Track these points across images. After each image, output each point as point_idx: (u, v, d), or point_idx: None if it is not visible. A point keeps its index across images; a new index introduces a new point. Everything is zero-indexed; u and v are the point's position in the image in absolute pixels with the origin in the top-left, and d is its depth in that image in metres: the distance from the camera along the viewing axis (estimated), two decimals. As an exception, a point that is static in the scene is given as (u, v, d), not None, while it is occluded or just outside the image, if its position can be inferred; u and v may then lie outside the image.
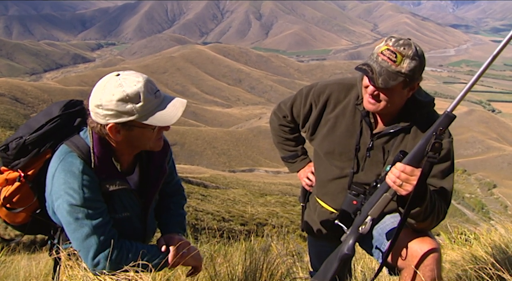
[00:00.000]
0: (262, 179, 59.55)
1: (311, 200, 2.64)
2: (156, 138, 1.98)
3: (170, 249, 2.07)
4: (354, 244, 2.17)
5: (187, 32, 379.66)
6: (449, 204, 2.15)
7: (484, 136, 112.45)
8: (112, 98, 1.83)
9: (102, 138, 1.98)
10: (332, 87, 2.41)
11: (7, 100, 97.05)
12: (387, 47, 2.05)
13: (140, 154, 2.17)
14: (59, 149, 2.00)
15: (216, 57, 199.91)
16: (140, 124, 1.89)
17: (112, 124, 1.89)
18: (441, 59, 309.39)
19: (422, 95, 2.24)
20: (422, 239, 2.09)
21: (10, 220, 2.14)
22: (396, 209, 2.18)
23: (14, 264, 3.75)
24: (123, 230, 2.04)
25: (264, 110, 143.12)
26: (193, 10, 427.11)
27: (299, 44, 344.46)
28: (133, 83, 1.85)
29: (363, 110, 2.27)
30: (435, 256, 2.03)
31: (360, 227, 2.14)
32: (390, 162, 2.11)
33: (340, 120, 2.36)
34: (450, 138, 2.17)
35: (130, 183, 2.08)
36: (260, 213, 23.12)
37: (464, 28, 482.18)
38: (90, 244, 1.90)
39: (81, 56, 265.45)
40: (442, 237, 4.37)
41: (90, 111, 1.92)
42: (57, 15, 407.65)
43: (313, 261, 2.82)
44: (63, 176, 1.90)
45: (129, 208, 2.09)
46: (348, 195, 2.26)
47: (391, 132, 2.24)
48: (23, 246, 5.79)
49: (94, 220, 1.90)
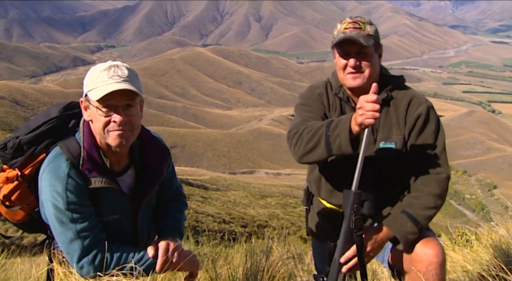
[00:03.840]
0: (263, 181, 59.61)
1: (315, 202, 2.61)
2: (108, 126, 1.93)
3: (159, 254, 2.02)
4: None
5: (186, 34, 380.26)
6: (446, 164, 2.22)
7: (484, 137, 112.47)
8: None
9: (90, 131, 2.01)
10: (309, 88, 2.50)
11: (7, 103, 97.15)
12: (347, 23, 2.26)
13: (134, 156, 2.16)
14: (52, 151, 2.01)
15: (216, 59, 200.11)
16: (89, 99, 1.93)
17: (83, 98, 1.98)
18: (440, 60, 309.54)
19: (390, 73, 2.42)
20: (426, 243, 2.10)
21: (10, 218, 2.18)
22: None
23: (15, 266, 3.75)
24: (113, 233, 2.03)
25: (264, 112, 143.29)
26: (193, 12, 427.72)
27: (298, 45, 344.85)
28: (104, 64, 1.96)
29: (343, 96, 2.36)
30: (439, 260, 2.02)
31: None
32: (381, 140, 2.26)
33: (332, 115, 2.41)
34: (427, 103, 2.29)
35: (121, 185, 2.07)
36: (260, 215, 23.14)
37: (463, 29, 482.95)
38: (74, 248, 1.91)
39: (81, 59, 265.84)
40: (443, 238, 4.37)
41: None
42: (57, 17, 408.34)
43: (317, 264, 2.80)
44: (49, 179, 1.91)
45: (118, 210, 2.07)
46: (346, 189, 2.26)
47: None
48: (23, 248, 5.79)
49: (79, 225, 1.90)
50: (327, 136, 2.08)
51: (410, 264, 2.08)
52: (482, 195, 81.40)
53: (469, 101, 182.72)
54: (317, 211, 2.56)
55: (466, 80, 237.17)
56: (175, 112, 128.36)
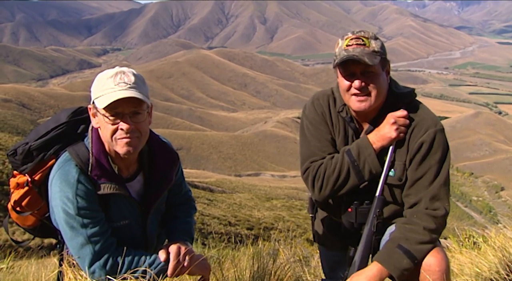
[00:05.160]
0: (268, 183, 59.56)
1: (320, 211, 2.57)
2: (116, 134, 1.92)
3: (170, 258, 2.01)
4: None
5: (192, 37, 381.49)
6: (446, 198, 2.09)
7: (491, 139, 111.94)
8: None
9: (99, 137, 2.00)
10: (312, 104, 2.35)
11: (14, 106, 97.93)
12: (349, 39, 2.09)
13: (143, 162, 2.14)
14: (61, 156, 2.01)
15: (221, 61, 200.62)
16: (96, 107, 1.91)
17: (91, 105, 1.96)
18: (446, 62, 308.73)
19: (400, 88, 2.22)
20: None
21: (21, 223, 2.20)
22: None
23: (22, 269, 3.76)
24: (122, 239, 2.03)
25: (269, 114, 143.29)
26: (198, 15, 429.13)
27: (304, 48, 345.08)
28: (111, 70, 1.95)
29: (346, 115, 2.23)
30: (442, 269, 1.97)
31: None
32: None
33: (336, 134, 2.31)
34: (436, 128, 2.11)
35: (130, 191, 2.06)
36: (266, 217, 23.12)
37: (469, 30, 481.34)
38: (85, 253, 1.91)
39: (87, 62, 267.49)
40: (450, 240, 4.34)
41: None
42: (63, 21, 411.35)
43: (325, 270, 2.81)
44: (58, 184, 1.91)
45: (127, 215, 2.07)
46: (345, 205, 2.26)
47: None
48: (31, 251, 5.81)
49: (90, 230, 1.91)
50: (355, 166, 2.11)
51: (413, 274, 2.00)
52: (489, 197, 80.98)
53: (476, 102, 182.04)
54: (321, 220, 2.55)
55: (472, 81, 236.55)
56: (180, 114, 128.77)
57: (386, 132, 2.08)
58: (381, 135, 2.11)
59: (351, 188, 2.17)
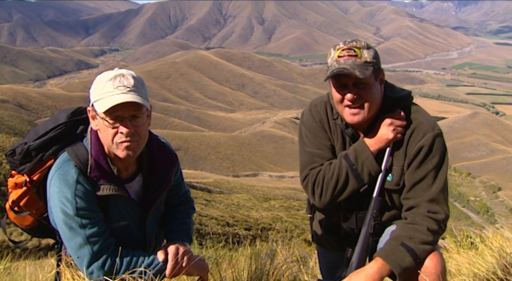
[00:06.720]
0: (266, 184, 59.56)
1: (317, 212, 2.58)
2: (115, 138, 1.91)
3: (168, 258, 2.01)
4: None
5: (190, 38, 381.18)
6: (445, 203, 2.09)
7: (488, 139, 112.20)
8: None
9: (98, 138, 2.00)
10: (310, 112, 2.35)
11: (12, 107, 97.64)
12: (340, 49, 2.08)
13: (142, 163, 2.14)
14: (60, 156, 2.01)
15: (219, 62, 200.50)
16: (96, 110, 1.91)
17: (90, 107, 1.96)
18: (444, 62, 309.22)
19: (396, 92, 2.22)
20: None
21: (19, 223, 2.20)
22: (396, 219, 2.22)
23: (19, 270, 3.75)
24: (121, 239, 2.03)
25: (267, 115, 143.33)
26: (196, 15, 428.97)
27: (301, 48, 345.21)
28: (110, 72, 1.94)
29: (341, 123, 2.23)
30: (438, 271, 1.97)
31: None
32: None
33: (334, 139, 2.32)
34: (434, 132, 2.10)
35: (129, 192, 2.07)
36: (264, 217, 23.10)
37: (466, 31, 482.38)
38: (84, 253, 1.90)
39: (84, 62, 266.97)
40: (447, 240, 4.34)
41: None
42: (60, 21, 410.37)
43: (322, 270, 2.81)
44: (57, 184, 1.90)
45: (126, 216, 2.07)
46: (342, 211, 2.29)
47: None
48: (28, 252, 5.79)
49: (88, 230, 1.90)
50: (354, 170, 2.12)
51: (410, 277, 1.99)
52: (486, 197, 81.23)
53: (473, 102, 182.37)
54: (319, 221, 2.56)
55: (470, 81, 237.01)
56: (178, 115, 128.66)
57: (383, 133, 2.09)
58: (377, 137, 2.12)
59: (351, 192, 2.16)
